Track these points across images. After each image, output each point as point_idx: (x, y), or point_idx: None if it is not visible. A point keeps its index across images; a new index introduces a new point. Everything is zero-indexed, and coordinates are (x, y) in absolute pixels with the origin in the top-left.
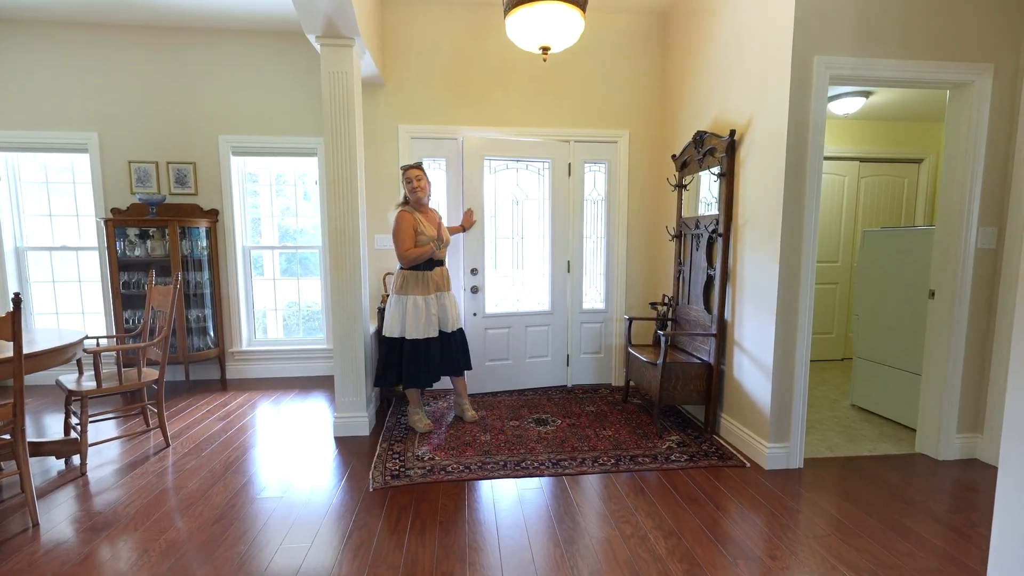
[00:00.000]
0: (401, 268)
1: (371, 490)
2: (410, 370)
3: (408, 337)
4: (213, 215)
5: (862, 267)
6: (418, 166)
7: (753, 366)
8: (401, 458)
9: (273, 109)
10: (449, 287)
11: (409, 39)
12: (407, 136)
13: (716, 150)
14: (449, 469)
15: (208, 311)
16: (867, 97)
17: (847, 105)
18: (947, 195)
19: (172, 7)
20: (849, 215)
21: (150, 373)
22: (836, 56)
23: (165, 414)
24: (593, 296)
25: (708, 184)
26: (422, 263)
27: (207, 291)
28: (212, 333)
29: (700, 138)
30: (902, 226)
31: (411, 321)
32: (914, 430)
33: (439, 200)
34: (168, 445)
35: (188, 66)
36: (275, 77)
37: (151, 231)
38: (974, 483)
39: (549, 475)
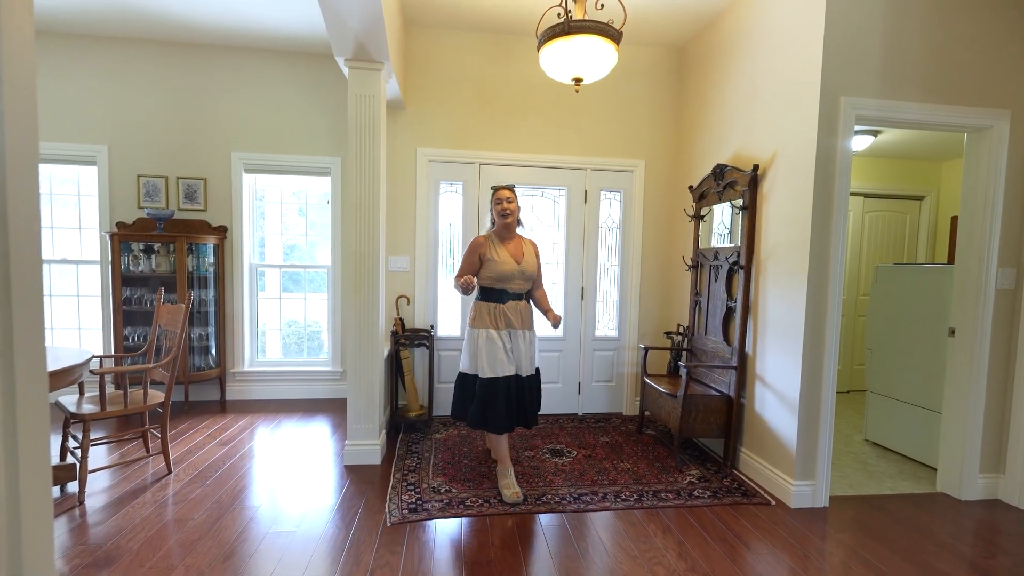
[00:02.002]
0: (476, 298)
1: (389, 524)
2: (480, 411)
3: (482, 376)
4: (222, 232)
5: (875, 302)
6: (510, 188)
7: (777, 401)
8: (417, 489)
9: (287, 127)
10: (528, 325)
11: (431, 64)
12: (425, 159)
13: (738, 183)
14: (468, 503)
15: (211, 329)
16: (876, 136)
17: (856, 143)
18: (966, 235)
19: (191, 24)
20: (855, 249)
21: (155, 395)
22: (862, 97)
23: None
24: (606, 324)
25: (725, 216)
26: (494, 295)
27: (211, 309)
28: (214, 352)
29: (720, 171)
30: (916, 263)
31: (485, 357)
32: (932, 468)
33: (454, 221)
34: (170, 472)
35: (204, 82)
36: (291, 96)
37: (156, 246)
38: (1000, 525)
39: (572, 511)
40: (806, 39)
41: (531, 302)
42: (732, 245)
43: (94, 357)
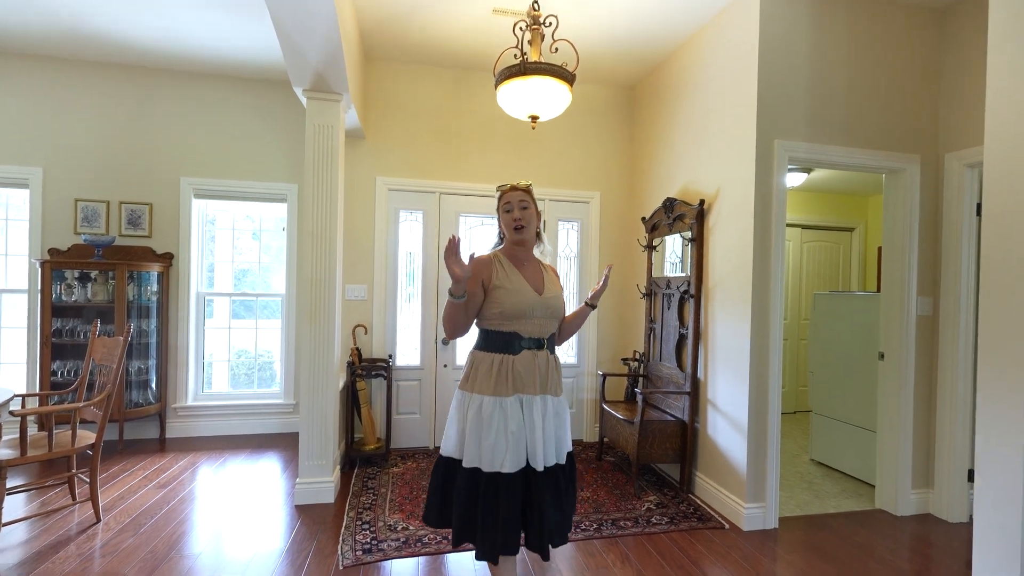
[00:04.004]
0: (474, 346)
1: (341, 568)
2: (462, 519)
3: (466, 464)
4: (167, 259)
5: (814, 327)
6: (526, 189)
7: (727, 425)
8: (372, 528)
9: (241, 153)
10: (554, 387)
11: (392, 96)
12: (384, 188)
13: (686, 216)
14: (425, 540)
15: (152, 362)
16: (808, 173)
17: (792, 180)
18: (889, 267)
19: (140, 47)
20: (795, 276)
21: (85, 436)
22: (793, 140)
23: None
24: (565, 350)
25: (676, 246)
26: (500, 340)
27: (153, 340)
28: (154, 387)
29: (670, 204)
30: (848, 291)
31: (480, 438)
32: (872, 485)
33: (413, 250)
34: (99, 520)
35: (152, 105)
36: (245, 121)
37: (94, 274)
38: (932, 538)
39: None
40: (742, 86)
41: (554, 346)
42: (683, 275)
43: (15, 396)
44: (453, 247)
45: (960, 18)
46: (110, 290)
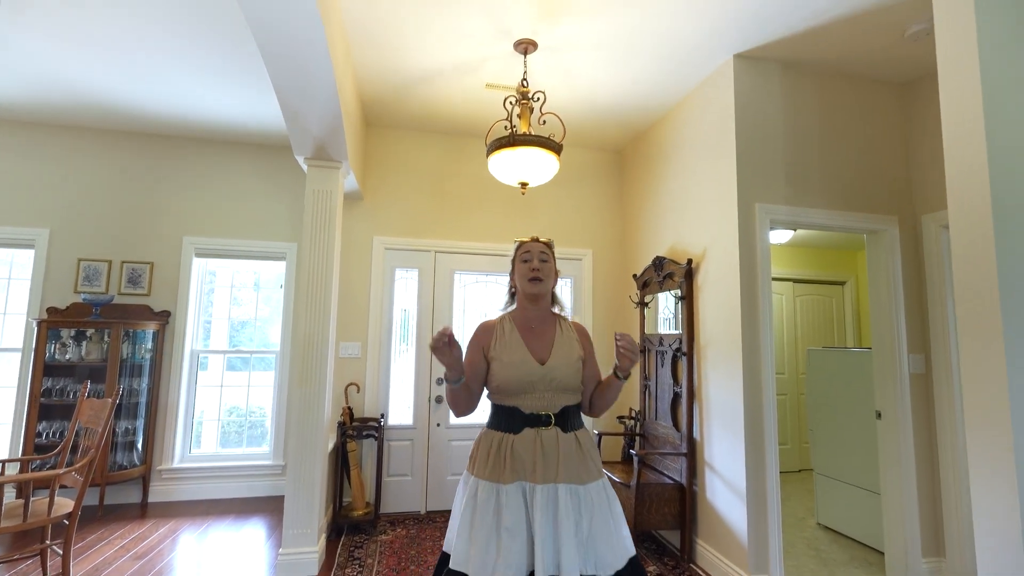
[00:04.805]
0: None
1: None
2: None
3: (453, 565)
4: (164, 317)
5: (811, 383)
6: (548, 243)
7: (725, 488)
8: None
9: (243, 214)
10: (575, 475)
11: (390, 159)
12: (381, 247)
13: (675, 275)
14: None
15: (140, 422)
16: (795, 230)
17: (779, 236)
18: (877, 324)
19: (152, 117)
20: (790, 329)
21: (63, 504)
22: (774, 204)
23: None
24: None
25: (668, 303)
26: (503, 417)
27: (143, 399)
28: (140, 448)
29: (660, 263)
30: (841, 347)
31: (462, 529)
32: (881, 552)
33: (408, 307)
34: None
35: (159, 169)
36: (248, 184)
37: (90, 333)
38: None
39: None
40: (722, 153)
41: (577, 422)
42: (676, 332)
43: None
44: (441, 344)
45: (923, 91)
46: (104, 349)
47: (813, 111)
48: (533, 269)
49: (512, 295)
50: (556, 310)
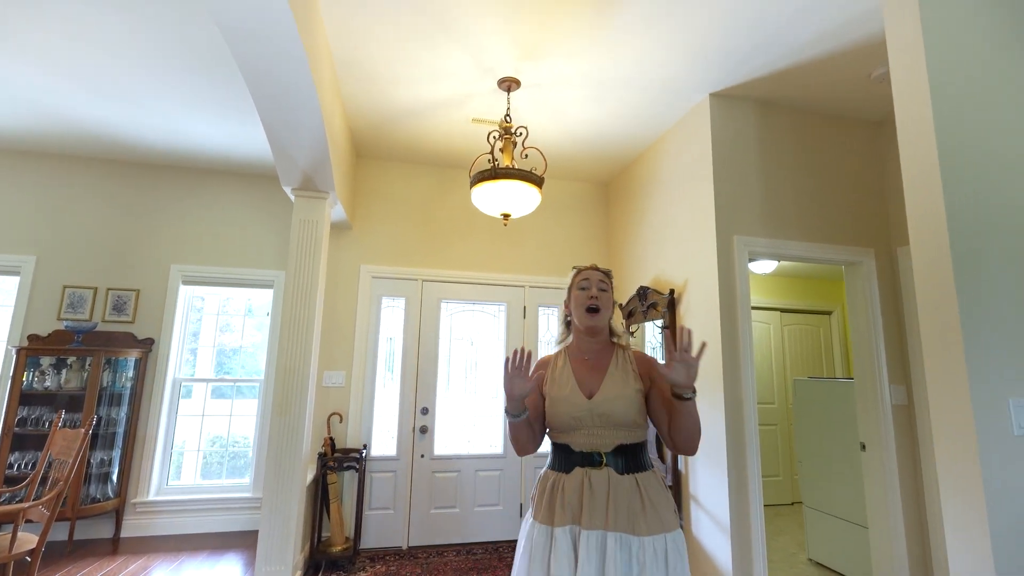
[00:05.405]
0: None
1: None
2: None
3: None
4: (147, 344)
5: (798, 413)
6: (607, 272)
7: (711, 523)
8: None
9: (232, 242)
10: (632, 524)
11: (378, 190)
12: (368, 275)
13: (658, 305)
14: None
15: (116, 453)
16: (779, 261)
17: (764, 267)
18: (859, 355)
19: (140, 146)
20: (778, 358)
21: (25, 540)
22: (752, 236)
23: None
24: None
25: (654, 333)
26: (558, 456)
27: (120, 429)
28: (115, 480)
29: (643, 293)
30: (826, 377)
31: (517, 572)
32: None
33: (394, 335)
34: None
35: (147, 197)
36: (237, 212)
37: (70, 361)
38: None
39: None
40: (701, 186)
41: (639, 463)
42: (661, 362)
43: None
44: (519, 367)
45: (894, 128)
46: (84, 377)
47: (789, 147)
48: (591, 297)
49: (567, 324)
50: (618, 341)
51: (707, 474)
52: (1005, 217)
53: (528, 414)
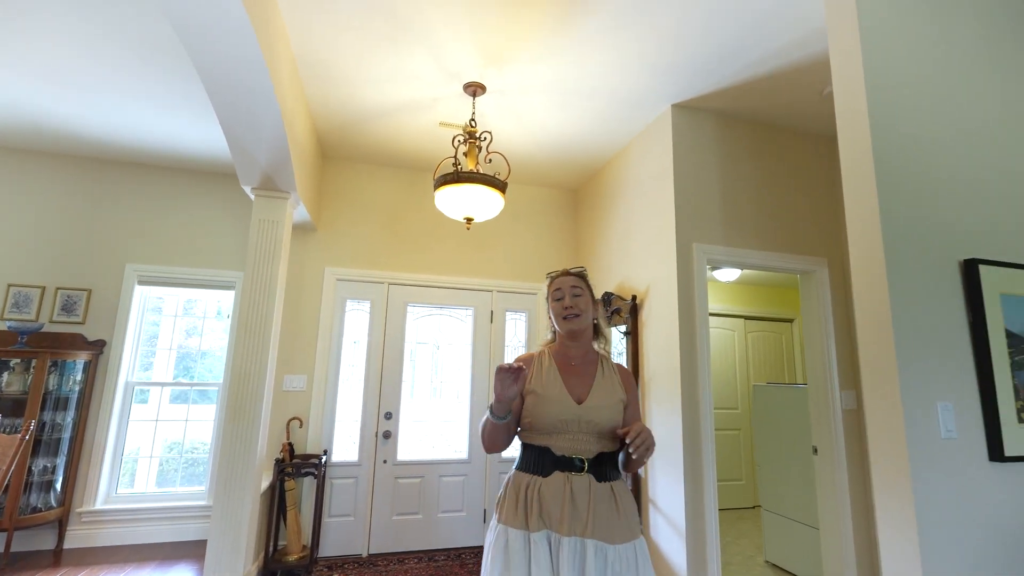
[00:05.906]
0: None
1: None
2: None
3: None
4: (98, 346)
5: (756, 419)
6: (579, 274)
7: (667, 525)
8: None
9: (191, 241)
10: (605, 532)
11: (345, 191)
12: (332, 278)
13: (622, 310)
14: None
15: (61, 460)
16: (738, 269)
17: (727, 274)
18: (811, 361)
19: (93, 140)
20: (742, 364)
21: None
22: (711, 244)
23: None
24: (514, 444)
25: (618, 339)
26: (533, 458)
27: (66, 435)
28: (59, 488)
29: (608, 298)
30: (783, 383)
31: None
32: None
33: (359, 338)
34: None
35: (100, 193)
36: (196, 211)
37: (13, 363)
38: None
39: None
40: (662, 195)
41: (614, 472)
42: (625, 367)
43: None
44: (513, 370)
45: None
46: (27, 380)
47: (747, 158)
48: (566, 307)
49: (555, 333)
50: (599, 345)
51: (665, 478)
52: (938, 230)
53: (511, 416)
